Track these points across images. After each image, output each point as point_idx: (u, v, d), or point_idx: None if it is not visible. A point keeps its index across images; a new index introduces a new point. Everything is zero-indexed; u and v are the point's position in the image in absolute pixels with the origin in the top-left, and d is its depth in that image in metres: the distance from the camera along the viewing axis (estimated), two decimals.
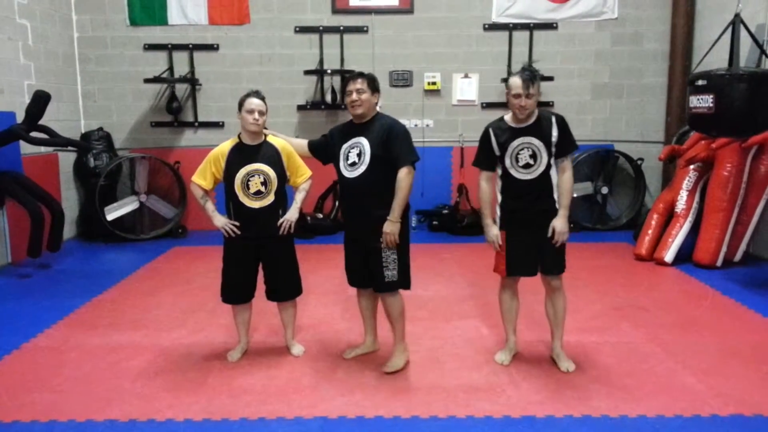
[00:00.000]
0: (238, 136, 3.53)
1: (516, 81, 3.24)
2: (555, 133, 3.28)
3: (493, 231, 3.45)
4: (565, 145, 3.32)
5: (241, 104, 3.47)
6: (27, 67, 6.40)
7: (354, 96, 3.34)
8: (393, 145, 3.30)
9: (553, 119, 3.31)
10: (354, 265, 3.55)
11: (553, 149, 3.30)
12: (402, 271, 3.43)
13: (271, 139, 3.57)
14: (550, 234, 3.33)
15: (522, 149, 3.30)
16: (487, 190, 3.47)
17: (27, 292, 5.11)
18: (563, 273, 3.47)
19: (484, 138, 3.43)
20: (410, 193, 3.37)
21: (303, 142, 3.70)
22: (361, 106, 3.34)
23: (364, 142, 3.34)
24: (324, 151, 3.60)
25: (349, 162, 3.37)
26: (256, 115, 3.42)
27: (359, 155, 3.34)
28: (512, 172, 3.35)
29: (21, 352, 3.80)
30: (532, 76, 3.23)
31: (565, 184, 3.34)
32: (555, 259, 3.42)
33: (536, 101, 3.28)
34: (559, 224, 3.32)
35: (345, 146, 3.42)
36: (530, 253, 3.41)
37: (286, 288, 3.65)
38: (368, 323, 3.74)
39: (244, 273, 3.57)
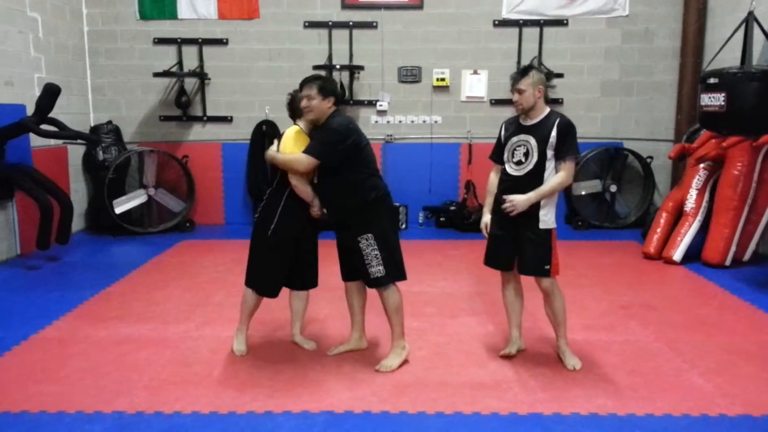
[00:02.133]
0: (298, 125, 3.52)
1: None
2: (554, 134, 3.29)
3: (483, 218, 3.57)
4: (562, 149, 3.30)
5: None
6: (37, 60, 6.42)
7: (304, 102, 3.35)
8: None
9: (557, 122, 3.32)
10: (341, 259, 3.61)
11: (549, 151, 3.30)
12: (389, 264, 3.37)
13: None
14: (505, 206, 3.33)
15: (519, 146, 3.37)
16: (493, 181, 3.56)
17: (35, 283, 5.15)
18: (549, 276, 3.40)
19: (499, 131, 3.56)
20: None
21: None
22: (312, 112, 3.35)
23: None
24: None
25: None
26: (304, 102, 3.37)
27: None
28: (507, 166, 3.44)
29: (29, 344, 3.82)
30: (520, 71, 3.33)
31: (554, 179, 3.31)
32: (531, 261, 3.39)
33: (532, 97, 3.30)
34: (519, 198, 3.29)
35: None
36: (505, 247, 3.46)
37: (312, 277, 3.72)
38: (355, 319, 3.70)
39: (288, 264, 3.58)
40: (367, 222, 3.35)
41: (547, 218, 3.36)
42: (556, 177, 3.33)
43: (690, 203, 5.91)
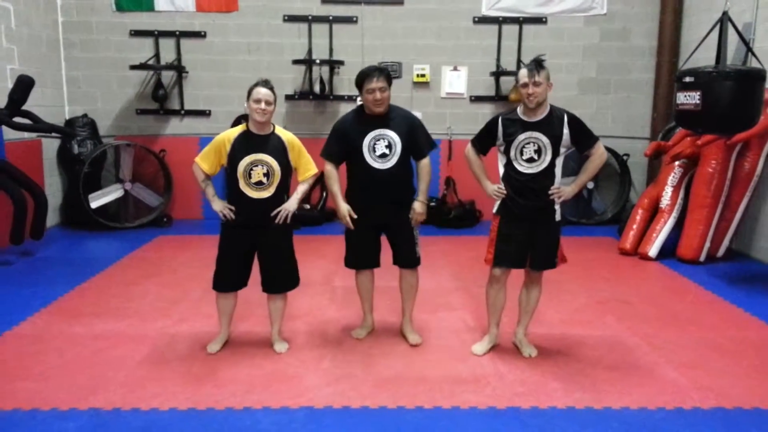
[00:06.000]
0: (247, 125, 3.48)
1: (522, 71, 3.33)
2: (566, 132, 3.32)
3: (490, 187, 3.49)
4: (584, 141, 3.40)
5: (249, 93, 3.42)
6: (10, 51, 6.29)
7: (378, 95, 3.44)
8: (417, 136, 3.58)
9: (565, 118, 3.34)
10: (367, 249, 3.70)
11: (562, 148, 3.35)
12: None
13: (279, 131, 3.52)
14: (553, 194, 3.38)
15: (528, 143, 3.34)
16: (475, 159, 3.57)
17: (9, 279, 5.05)
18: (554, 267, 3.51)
19: (491, 124, 3.46)
20: None
21: (332, 173, 3.60)
22: (383, 104, 3.48)
23: (392, 135, 3.50)
24: (342, 156, 3.63)
25: (378, 154, 3.49)
26: (263, 105, 3.37)
27: (389, 147, 3.49)
28: (515, 164, 3.39)
29: (3, 340, 3.76)
30: (537, 64, 3.30)
31: (592, 164, 3.45)
32: (547, 257, 3.47)
33: (546, 91, 3.29)
34: (569, 189, 3.42)
35: (369, 138, 3.49)
36: (520, 246, 3.44)
37: (281, 279, 3.60)
38: (369, 304, 3.92)
39: (238, 261, 3.54)
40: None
41: (559, 210, 3.44)
42: (593, 162, 3.42)
43: (665, 200, 6.00)
